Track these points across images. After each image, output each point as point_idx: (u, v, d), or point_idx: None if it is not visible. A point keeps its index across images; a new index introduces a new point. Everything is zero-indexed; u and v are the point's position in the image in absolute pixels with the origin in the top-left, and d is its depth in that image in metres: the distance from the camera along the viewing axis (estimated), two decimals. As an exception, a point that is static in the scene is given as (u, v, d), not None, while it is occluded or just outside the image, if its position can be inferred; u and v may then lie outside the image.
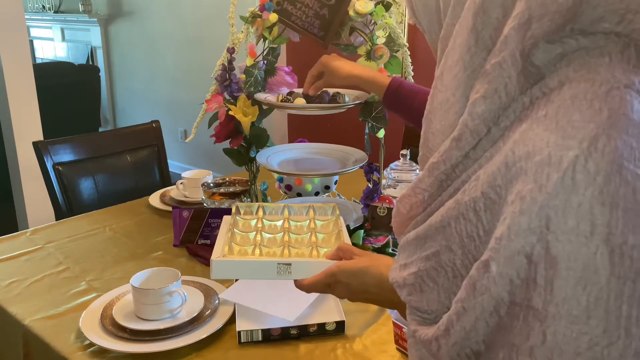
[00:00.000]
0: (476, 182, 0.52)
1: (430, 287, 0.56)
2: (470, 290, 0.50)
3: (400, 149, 1.45)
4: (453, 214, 0.53)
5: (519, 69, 0.51)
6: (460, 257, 0.53)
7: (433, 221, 0.56)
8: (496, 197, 0.49)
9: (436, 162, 0.57)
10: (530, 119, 0.50)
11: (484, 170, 0.51)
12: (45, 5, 5.56)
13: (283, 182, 1.57)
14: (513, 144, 0.49)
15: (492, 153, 0.52)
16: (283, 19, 1.32)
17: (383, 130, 1.34)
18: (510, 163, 0.49)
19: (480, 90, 0.53)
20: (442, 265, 0.55)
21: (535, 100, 0.51)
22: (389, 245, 1.29)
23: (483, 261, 0.49)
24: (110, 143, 2.02)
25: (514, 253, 0.47)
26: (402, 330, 0.94)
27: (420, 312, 0.58)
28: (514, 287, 0.47)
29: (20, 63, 2.79)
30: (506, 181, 0.49)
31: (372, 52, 1.29)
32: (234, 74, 1.36)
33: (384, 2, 1.29)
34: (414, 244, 0.59)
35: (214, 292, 1.12)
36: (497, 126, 0.53)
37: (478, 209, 0.51)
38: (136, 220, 1.58)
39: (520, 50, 0.50)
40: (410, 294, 0.59)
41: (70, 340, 1.01)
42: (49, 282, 1.23)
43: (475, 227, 0.51)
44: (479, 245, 0.51)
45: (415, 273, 0.58)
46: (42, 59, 6.00)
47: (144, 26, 4.65)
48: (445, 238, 0.54)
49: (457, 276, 0.54)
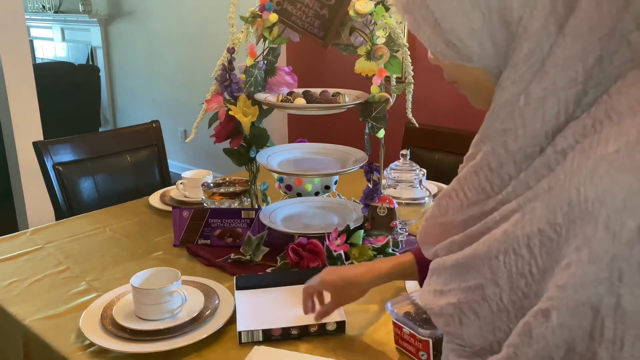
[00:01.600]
0: (531, 215, 0.48)
1: (471, 320, 0.53)
2: (525, 337, 0.47)
3: (400, 149, 1.45)
4: (502, 247, 0.50)
5: None
6: (508, 293, 0.50)
7: (478, 251, 0.53)
8: (555, 236, 0.46)
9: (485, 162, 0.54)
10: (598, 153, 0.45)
11: (542, 203, 0.48)
12: (45, 5, 5.56)
13: (283, 182, 1.57)
14: (579, 182, 0.45)
15: (550, 184, 0.48)
16: (283, 19, 1.32)
17: (383, 130, 1.34)
18: (574, 202, 0.45)
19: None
20: (486, 299, 0.52)
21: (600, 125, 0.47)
22: (388, 245, 1.29)
23: (543, 310, 0.46)
24: (110, 143, 2.02)
25: (579, 304, 0.44)
26: (402, 330, 0.94)
27: (460, 341, 0.56)
28: (573, 336, 0.45)
29: (20, 63, 2.79)
30: (568, 221, 0.45)
31: (372, 52, 1.28)
32: (234, 74, 1.36)
33: (384, 2, 1.29)
34: (452, 270, 0.56)
35: (214, 292, 1.12)
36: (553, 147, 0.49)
37: (532, 246, 0.48)
38: (136, 220, 1.58)
39: None
40: (447, 325, 0.56)
41: (70, 340, 1.01)
42: (49, 282, 1.23)
43: (528, 264, 0.48)
44: (530, 282, 0.48)
45: (454, 304, 0.55)
46: (42, 59, 6.00)
47: (144, 26, 4.65)
48: (492, 271, 0.51)
49: (502, 310, 0.51)
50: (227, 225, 1.38)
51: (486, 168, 0.54)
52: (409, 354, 0.94)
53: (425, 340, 0.88)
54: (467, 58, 0.56)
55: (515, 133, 0.52)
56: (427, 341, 0.88)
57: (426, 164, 1.74)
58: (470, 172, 0.56)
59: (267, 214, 1.38)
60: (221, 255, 1.31)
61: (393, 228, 1.33)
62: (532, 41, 0.51)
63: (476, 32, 0.54)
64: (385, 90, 1.33)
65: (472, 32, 0.54)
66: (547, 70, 0.50)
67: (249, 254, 1.29)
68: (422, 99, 2.35)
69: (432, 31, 0.57)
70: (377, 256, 1.27)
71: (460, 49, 0.56)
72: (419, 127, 1.60)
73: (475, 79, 0.58)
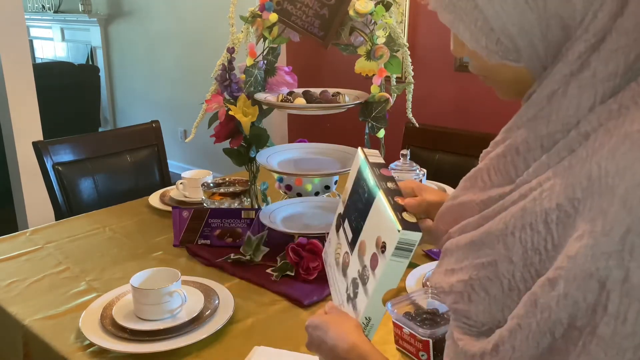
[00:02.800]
0: (550, 192, 0.48)
1: (481, 298, 0.53)
2: (530, 307, 0.47)
3: (400, 149, 1.45)
4: (519, 223, 0.50)
5: None
6: (521, 270, 0.50)
7: (493, 228, 0.53)
8: (572, 211, 0.46)
9: (512, 146, 0.53)
10: (622, 131, 0.46)
11: (562, 179, 0.48)
12: (45, 5, 5.56)
13: (283, 182, 1.57)
14: (600, 158, 0.45)
15: (570, 162, 0.48)
16: (283, 18, 1.32)
17: (383, 130, 1.34)
18: (595, 176, 0.45)
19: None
20: (498, 276, 0.52)
21: (625, 110, 0.47)
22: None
23: (550, 279, 0.46)
24: (110, 143, 2.02)
25: (587, 275, 0.44)
26: (402, 330, 0.94)
27: (466, 320, 0.55)
28: (577, 309, 0.45)
29: (20, 63, 2.79)
30: (587, 195, 0.45)
31: (372, 52, 1.28)
32: (234, 74, 1.36)
33: (384, 2, 1.29)
34: (465, 248, 0.56)
35: (214, 292, 1.12)
36: (576, 130, 0.49)
37: (550, 221, 0.48)
38: (136, 220, 1.58)
39: None
40: (456, 302, 0.56)
41: (70, 340, 1.01)
42: (49, 282, 1.23)
43: (544, 239, 0.48)
44: (544, 259, 0.48)
45: (465, 281, 0.55)
46: (42, 59, 6.00)
47: (144, 26, 4.64)
48: (507, 247, 0.51)
49: (513, 289, 0.51)
50: (227, 225, 1.38)
51: (514, 151, 0.54)
52: (409, 354, 0.94)
53: (426, 340, 0.88)
54: (515, 57, 0.55)
55: (548, 118, 0.52)
56: (427, 341, 0.88)
57: (426, 164, 1.74)
58: (499, 153, 0.56)
59: (267, 214, 1.38)
60: (221, 255, 1.31)
61: (393, 228, 1.33)
62: (590, 41, 0.51)
63: (529, 32, 0.53)
64: (385, 90, 1.33)
65: (525, 32, 0.53)
66: (590, 61, 0.50)
67: (249, 254, 1.29)
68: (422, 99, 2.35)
69: (478, 30, 0.55)
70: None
71: (509, 48, 0.55)
72: (419, 127, 1.60)
73: (514, 76, 0.57)
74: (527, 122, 0.54)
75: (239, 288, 1.19)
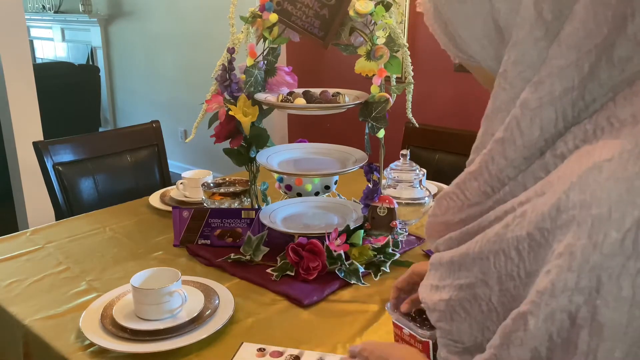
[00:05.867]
0: (522, 219, 0.48)
1: (462, 318, 0.54)
2: (504, 339, 0.47)
3: (400, 149, 1.45)
4: (493, 248, 0.50)
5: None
6: (497, 294, 0.50)
7: (471, 250, 0.53)
8: (542, 241, 0.46)
9: (484, 168, 0.53)
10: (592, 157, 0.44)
11: (532, 207, 0.47)
12: (45, 5, 5.56)
13: (283, 182, 1.57)
14: (569, 187, 0.44)
15: (543, 188, 0.48)
16: (283, 19, 1.32)
17: (383, 130, 1.34)
18: (562, 207, 0.44)
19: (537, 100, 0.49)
20: (476, 298, 0.52)
21: (600, 131, 0.46)
22: (388, 245, 1.29)
23: (521, 313, 0.46)
24: (110, 143, 2.02)
25: (556, 310, 0.43)
26: (402, 330, 0.93)
27: (450, 337, 0.56)
28: (552, 344, 0.44)
29: (20, 63, 2.79)
30: (555, 227, 0.45)
31: (372, 52, 1.28)
32: (234, 74, 1.36)
33: (384, 2, 1.29)
34: (447, 267, 0.57)
35: (214, 292, 1.12)
36: (552, 151, 0.49)
37: (522, 249, 0.47)
38: (136, 220, 1.58)
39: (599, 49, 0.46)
40: (439, 320, 0.57)
41: (70, 340, 1.01)
42: (49, 282, 1.23)
43: (517, 266, 0.48)
44: (518, 285, 0.48)
45: (446, 301, 0.56)
46: (42, 59, 6.00)
47: (144, 26, 4.65)
48: (482, 272, 0.51)
49: (492, 311, 0.51)
50: (227, 225, 1.38)
51: (486, 174, 0.54)
52: None
53: (425, 342, 0.88)
54: (472, 59, 0.60)
55: (513, 142, 0.51)
56: (427, 342, 0.88)
57: (426, 164, 1.74)
58: (469, 178, 0.56)
59: (267, 214, 1.38)
60: (221, 255, 1.31)
61: (393, 228, 1.33)
62: (518, 48, 0.51)
63: (477, 35, 0.57)
64: (385, 90, 1.33)
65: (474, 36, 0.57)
66: (543, 79, 0.49)
67: (249, 254, 1.29)
68: (422, 99, 2.36)
69: (443, 33, 0.61)
70: (377, 256, 1.27)
71: (465, 50, 0.59)
72: (419, 127, 1.60)
73: (485, 76, 0.61)
74: (494, 144, 0.53)
75: (239, 288, 1.19)
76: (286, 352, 0.97)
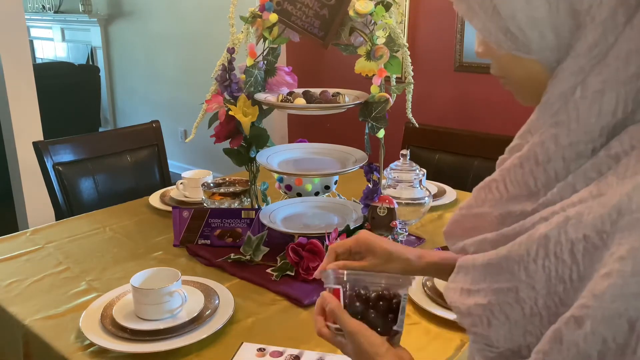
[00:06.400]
0: (577, 220, 0.46)
1: (501, 322, 0.52)
2: (555, 344, 0.46)
3: (400, 149, 1.45)
4: (542, 251, 0.48)
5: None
6: (544, 297, 0.48)
7: (513, 252, 0.51)
8: (600, 244, 0.44)
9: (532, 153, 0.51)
10: None
11: (589, 209, 0.46)
12: (45, 5, 5.56)
13: (283, 182, 1.57)
14: (631, 190, 0.43)
15: (600, 189, 0.46)
16: (283, 19, 1.32)
17: (383, 130, 1.34)
18: (624, 210, 0.43)
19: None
20: (519, 302, 0.50)
21: None
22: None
23: (576, 317, 0.44)
24: (110, 143, 2.02)
25: (615, 315, 0.42)
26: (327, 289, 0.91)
27: (487, 343, 0.54)
28: (606, 348, 0.43)
29: (20, 63, 2.79)
30: (615, 229, 0.43)
31: (372, 52, 1.28)
32: (234, 74, 1.36)
33: (384, 2, 1.29)
34: (482, 270, 0.54)
35: (214, 292, 1.12)
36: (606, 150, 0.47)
37: (576, 252, 0.46)
38: (136, 220, 1.58)
39: None
40: (475, 325, 0.54)
41: (70, 340, 1.01)
42: (49, 282, 1.23)
43: (570, 269, 0.46)
44: (569, 288, 0.47)
45: (483, 305, 0.53)
46: (42, 59, 6.00)
47: (144, 26, 4.65)
48: (528, 275, 0.49)
49: (535, 315, 0.49)
50: (227, 225, 1.38)
51: (532, 161, 0.52)
52: None
53: (337, 289, 0.83)
54: (526, 48, 0.53)
55: (567, 126, 0.50)
56: (338, 289, 0.83)
57: (426, 164, 1.74)
58: (515, 163, 0.54)
59: (267, 214, 1.38)
60: (221, 255, 1.31)
61: (393, 228, 1.33)
62: (597, 31, 0.48)
63: (538, 21, 0.51)
64: (385, 90, 1.33)
65: (534, 21, 0.51)
66: (609, 62, 0.48)
67: (249, 254, 1.29)
68: (422, 99, 2.36)
69: (489, 19, 0.54)
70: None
71: (519, 38, 0.53)
72: (419, 127, 1.60)
73: (528, 72, 0.56)
74: (546, 128, 0.51)
75: (239, 288, 1.19)
76: (286, 352, 0.97)
